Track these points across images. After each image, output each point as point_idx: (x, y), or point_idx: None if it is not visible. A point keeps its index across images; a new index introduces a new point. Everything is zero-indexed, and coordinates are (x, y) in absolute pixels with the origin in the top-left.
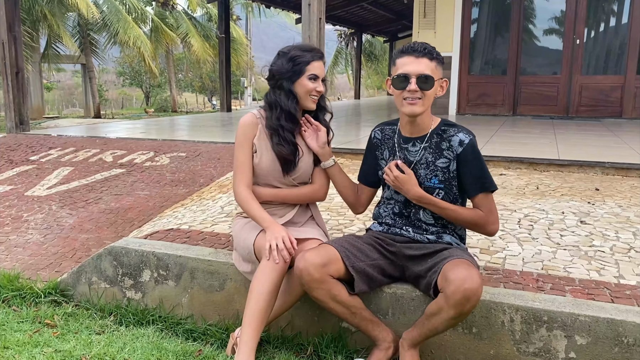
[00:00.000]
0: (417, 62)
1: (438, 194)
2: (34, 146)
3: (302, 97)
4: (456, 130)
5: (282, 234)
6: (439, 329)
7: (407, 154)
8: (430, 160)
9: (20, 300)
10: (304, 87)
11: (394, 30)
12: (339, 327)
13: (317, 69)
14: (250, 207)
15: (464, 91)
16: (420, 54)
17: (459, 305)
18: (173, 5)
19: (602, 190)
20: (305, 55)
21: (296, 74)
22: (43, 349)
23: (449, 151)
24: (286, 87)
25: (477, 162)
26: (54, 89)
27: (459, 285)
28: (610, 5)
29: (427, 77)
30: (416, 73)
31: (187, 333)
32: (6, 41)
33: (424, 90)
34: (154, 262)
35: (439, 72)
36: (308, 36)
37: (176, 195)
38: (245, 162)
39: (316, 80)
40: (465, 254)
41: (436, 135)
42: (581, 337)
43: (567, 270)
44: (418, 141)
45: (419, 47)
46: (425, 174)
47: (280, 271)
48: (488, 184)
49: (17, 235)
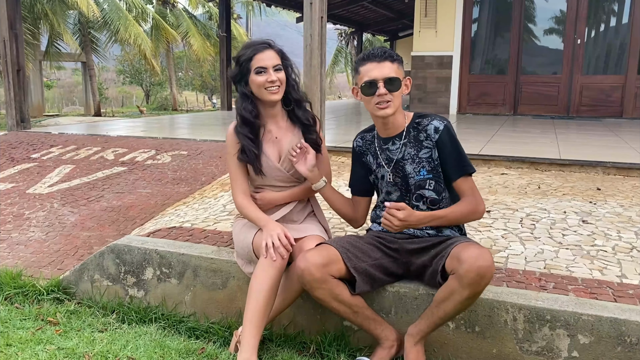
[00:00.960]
0: (381, 66)
1: (429, 185)
2: (35, 144)
3: (259, 93)
4: (430, 119)
5: (277, 231)
6: (450, 314)
7: (389, 153)
8: (414, 154)
9: (22, 297)
10: (255, 84)
11: (395, 30)
12: (342, 326)
13: (261, 60)
14: (247, 211)
15: (465, 90)
16: (382, 58)
17: (473, 284)
18: (173, 4)
19: (603, 190)
20: (246, 52)
21: (244, 73)
22: (46, 347)
23: (428, 140)
24: (240, 90)
25: (454, 146)
26: (54, 87)
27: (472, 263)
28: (611, 5)
29: (392, 79)
30: (382, 77)
31: (190, 331)
32: (7, 39)
33: (392, 92)
34: (156, 260)
35: (401, 72)
36: (310, 35)
37: (178, 193)
38: (238, 171)
39: (265, 72)
40: (470, 239)
41: (412, 129)
42: (584, 336)
43: (569, 270)
44: (397, 139)
45: (379, 52)
46: (413, 168)
47: (278, 268)
48: (467, 167)
49: (19, 233)
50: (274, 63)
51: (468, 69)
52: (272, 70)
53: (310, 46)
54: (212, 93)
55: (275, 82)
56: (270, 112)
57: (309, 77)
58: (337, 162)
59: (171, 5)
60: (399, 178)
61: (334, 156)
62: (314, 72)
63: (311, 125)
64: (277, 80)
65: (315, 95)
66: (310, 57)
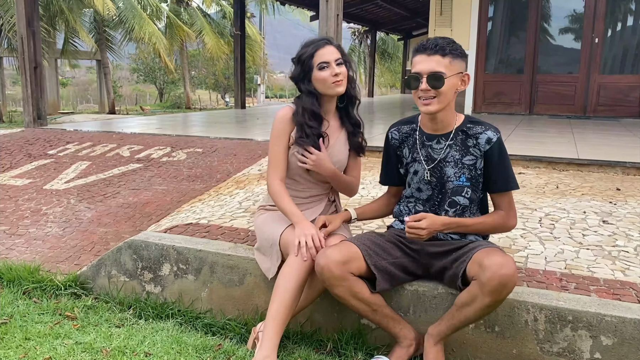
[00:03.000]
0: (429, 60)
1: (466, 193)
2: (51, 140)
3: (324, 89)
4: (483, 127)
5: (312, 232)
6: (471, 319)
7: (431, 151)
8: (458, 158)
9: (40, 292)
10: (319, 80)
11: (409, 28)
12: (359, 324)
13: (324, 55)
14: (282, 200)
15: (480, 89)
16: (432, 52)
17: (495, 292)
18: (188, 2)
19: (623, 190)
20: (307, 50)
21: (307, 71)
22: (64, 341)
23: (476, 148)
24: (305, 89)
25: (503, 160)
26: (69, 85)
27: (495, 270)
28: (629, 3)
29: (436, 75)
30: (426, 72)
31: (206, 327)
32: (25, 36)
33: (436, 89)
34: (173, 256)
35: (455, 67)
36: (325, 32)
37: (193, 190)
38: (280, 156)
39: (328, 66)
40: (493, 244)
41: (461, 132)
42: (607, 337)
43: (591, 270)
44: (442, 138)
45: (431, 44)
46: (454, 172)
47: (307, 268)
48: (512, 184)
49: (37, 228)
50: (335, 57)
51: (483, 68)
52: (334, 64)
53: None
54: (225, 91)
55: (339, 74)
56: (328, 108)
57: None
58: None
59: (185, 3)
60: (435, 178)
61: None
62: None
63: (358, 127)
64: (340, 73)
65: None
66: None
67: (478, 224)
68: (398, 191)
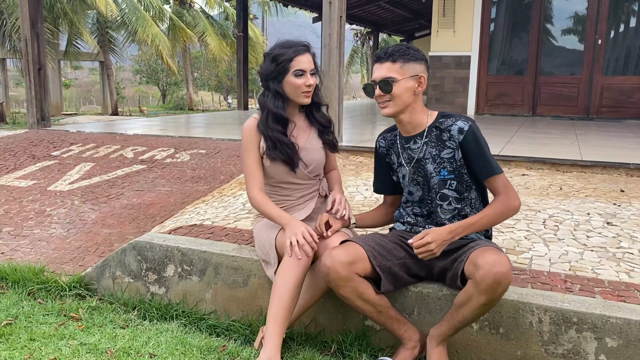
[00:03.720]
0: (380, 67)
1: (451, 185)
2: (55, 142)
3: (293, 95)
4: (454, 119)
5: (301, 229)
6: (469, 319)
7: (410, 152)
8: (435, 154)
9: (45, 293)
10: (291, 85)
11: (411, 30)
12: (363, 325)
13: (302, 63)
14: (266, 208)
15: (483, 91)
16: (383, 59)
17: (489, 290)
18: (190, 4)
19: (627, 192)
20: (286, 52)
21: (281, 72)
22: (69, 342)
23: (451, 141)
24: (272, 88)
25: (479, 147)
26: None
27: (488, 269)
28: (633, 4)
29: (385, 81)
30: (378, 78)
31: (211, 328)
32: (29, 38)
33: (387, 92)
34: (178, 257)
35: (407, 71)
36: (328, 34)
37: (197, 191)
38: (254, 167)
39: (303, 75)
40: (491, 243)
41: (435, 128)
42: (612, 339)
43: (595, 272)
44: (418, 138)
45: (382, 53)
46: (434, 168)
47: (303, 266)
48: (493, 168)
49: (41, 229)
50: (311, 67)
51: (486, 69)
52: (310, 74)
53: (329, 45)
54: (228, 93)
55: (312, 86)
56: (292, 111)
57: (328, 76)
58: (355, 162)
59: (188, 5)
60: (420, 177)
61: (351, 156)
62: (332, 72)
63: (328, 127)
64: (313, 84)
65: (334, 95)
66: (329, 56)
67: (482, 218)
68: (394, 200)
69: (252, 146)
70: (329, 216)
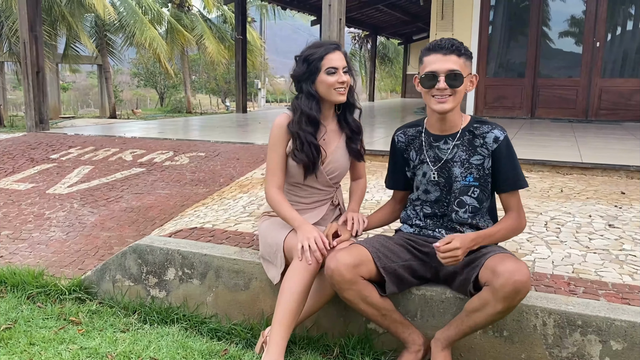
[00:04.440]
0: (445, 59)
1: (473, 192)
2: (54, 145)
3: (327, 94)
4: (490, 127)
5: (314, 234)
6: (480, 325)
7: (439, 152)
8: (465, 158)
9: (45, 297)
10: (324, 83)
11: (409, 33)
12: (366, 328)
13: (333, 61)
14: (281, 207)
15: (482, 93)
16: (448, 51)
17: (508, 299)
18: (189, 7)
19: (628, 194)
20: (317, 51)
21: (313, 72)
22: (69, 346)
23: (483, 148)
24: (305, 89)
25: (511, 159)
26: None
27: (508, 277)
28: (631, 7)
29: (455, 74)
30: (444, 70)
31: (212, 332)
32: (27, 41)
33: (454, 88)
34: (178, 260)
35: (467, 68)
36: (328, 37)
37: (197, 194)
38: (278, 165)
39: (335, 72)
40: (506, 250)
41: (468, 132)
42: (617, 342)
43: (598, 274)
44: (450, 139)
45: (446, 43)
46: (461, 172)
47: (312, 272)
48: (521, 181)
49: (40, 233)
50: (343, 64)
51: (485, 72)
52: (342, 71)
53: None
54: (226, 96)
55: (345, 83)
56: (326, 113)
57: None
58: None
59: (186, 8)
60: (443, 179)
61: None
62: None
63: (357, 134)
64: (346, 81)
65: None
66: None
67: (499, 231)
68: (403, 196)
69: (280, 144)
70: (338, 226)
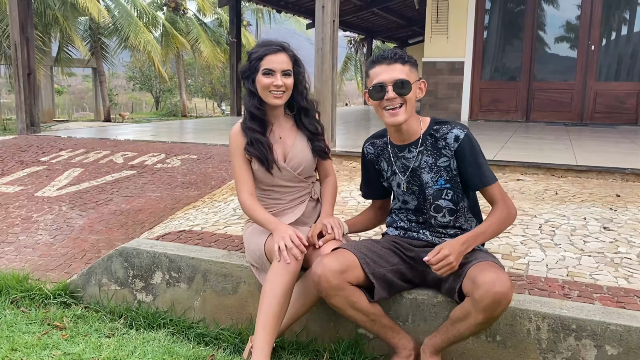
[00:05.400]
0: (390, 68)
1: (447, 194)
2: (44, 147)
3: (262, 95)
4: (449, 126)
5: (289, 233)
6: (465, 335)
7: (405, 161)
8: (432, 163)
9: (29, 301)
10: (259, 84)
11: (405, 37)
12: (356, 333)
13: (271, 62)
14: (254, 213)
15: (477, 97)
16: (392, 60)
17: (488, 310)
18: (184, 11)
19: (623, 197)
20: (258, 50)
21: (252, 71)
22: (52, 352)
23: (447, 149)
24: (247, 87)
25: (476, 157)
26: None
27: (488, 288)
28: (625, 11)
29: (402, 82)
30: (391, 80)
31: (199, 337)
32: (19, 42)
33: (403, 96)
34: (165, 263)
35: (414, 75)
36: (321, 38)
37: (187, 197)
38: (243, 171)
39: (272, 74)
40: (489, 256)
41: (429, 136)
42: (612, 347)
43: (593, 277)
44: (412, 147)
45: (389, 53)
46: (431, 177)
47: (292, 272)
48: (486, 178)
49: (27, 236)
50: (283, 67)
51: (480, 75)
52: (280, 74)
53: (322, 50)
54: (222, 100)
55: (281, 87)
56: (273, 112)
57: (321, 81)
58: (349, 167)
59: (182, 12)
60: (416, 187)
61: (344, 161)
62: (325, 76)
63: (319, 134)
64: (282, 85)
65: (327, 99)
66: (322, 60)
67: (489, 227)
68: (383, 204)
69: (239, 151)
70: (322, 226)
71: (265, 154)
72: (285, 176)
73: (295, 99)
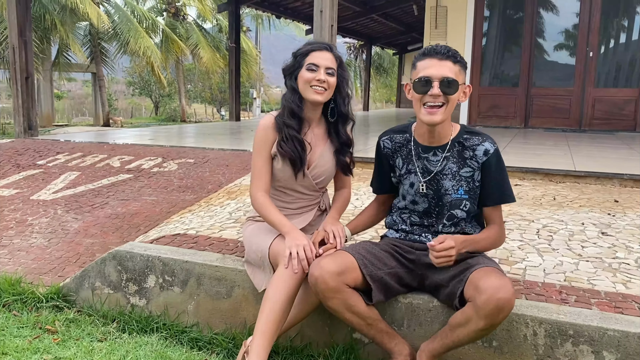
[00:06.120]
0: (440, 64)
1: (465, 206)
2: (41, 151)
3: (303, 90)
4: (480, 139)
5: (304, 242)
6: (463, 341)
7: (428, 163)
8: (455, 171)
9: (21, 305)
10: (302, 79)
11: (404, 43)
12: (351, 338)
13: (315, 58)
14: (268, 211)
15: (475, 103)
16: (444, 57)
17: (490, 316)
18: (184, 16)
19: (621, 202)
20: (305, 47)
21: (296, 67)
22: (43, 356)
23: (473, 160)
24: (289, 84)
25: (500, 172)
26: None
27: (491, 294)
28: (623, 18)
29: (450, 81)
30: (439, 76)
31: (192, 342)
32: (17, 46)
33: (447, 95)
34: (159, 267)
35: (462, 77)
36: None
37: (184, 201)
38: (263, 168)
39: (316, 70)
40: (491, 262)
41: (457, 143)
42: (609, 352)
43: (591, 282)
44: (439, 150)
45: (442, 49)
46: (452, 185)
47: (298, 280)
48: (507, 196)
49: (21, 239)
50: (327, 64)
51: (479, 81)
52: (324, 70)
53: None
54: (221, 105)
55: (323, 82)
56: (310, 114)
57: None
58: None
59: (182, 17)
60: (432, 191)
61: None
62: None
63: (347, 146)
64: (325, 81)
65: None
66: None
67: (485, 239)
68: (387, 199)
69: (265, 146)
70: (324, 234)
71: (300, 155)
72: (304, 182)
73: (336, 102)
